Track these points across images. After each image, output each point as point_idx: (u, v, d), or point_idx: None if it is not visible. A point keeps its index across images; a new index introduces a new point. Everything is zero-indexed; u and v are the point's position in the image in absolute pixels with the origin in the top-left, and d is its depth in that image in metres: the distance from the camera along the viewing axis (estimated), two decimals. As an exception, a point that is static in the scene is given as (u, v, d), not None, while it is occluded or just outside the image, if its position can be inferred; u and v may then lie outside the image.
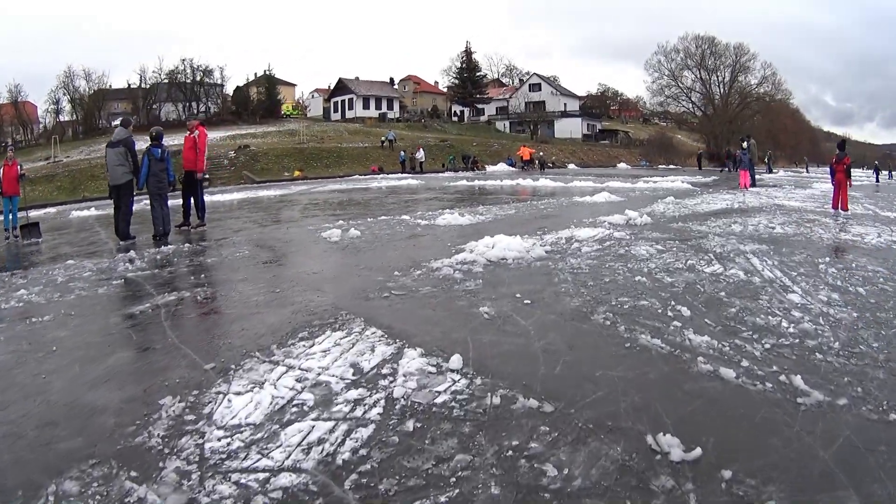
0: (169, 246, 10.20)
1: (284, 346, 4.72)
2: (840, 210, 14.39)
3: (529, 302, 5.78)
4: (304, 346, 4.73)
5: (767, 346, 4.57)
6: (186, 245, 10.25)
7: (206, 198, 20.94)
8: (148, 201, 11.93)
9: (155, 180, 11.77)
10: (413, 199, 19.90)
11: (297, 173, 42.97)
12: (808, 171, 54.78)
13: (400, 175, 39.75)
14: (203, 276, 7.75)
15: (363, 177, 40.02)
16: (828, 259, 8.05)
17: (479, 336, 4.84)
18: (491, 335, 4.87)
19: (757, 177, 27.11)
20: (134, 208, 12.22)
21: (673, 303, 5.68)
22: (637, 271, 7.11)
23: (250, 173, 42.34)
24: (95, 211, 20.39)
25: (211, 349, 4.76)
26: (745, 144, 26.15)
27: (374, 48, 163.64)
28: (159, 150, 11.93)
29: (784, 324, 5.09)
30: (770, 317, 5.32)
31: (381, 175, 41.08)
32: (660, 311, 5.44)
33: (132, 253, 9.36)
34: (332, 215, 14.82)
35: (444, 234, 10.71)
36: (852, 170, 15.12)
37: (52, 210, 24.04)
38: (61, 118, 66.94)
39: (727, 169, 49.04)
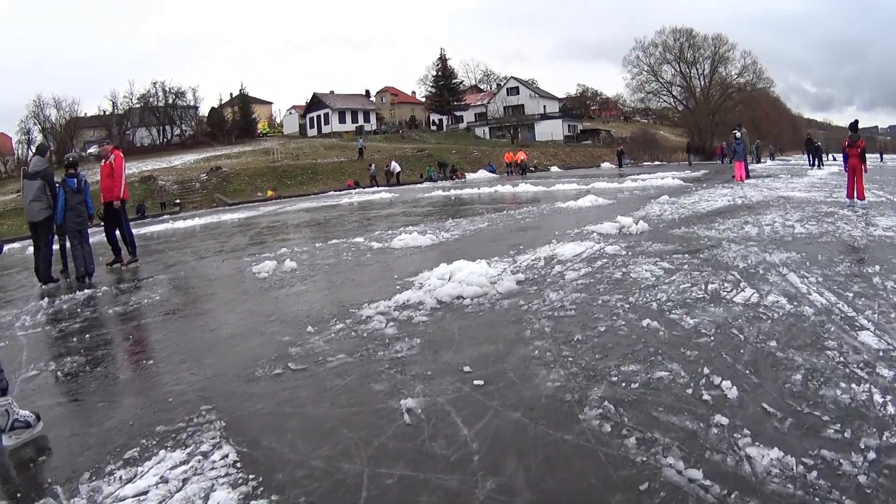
0: (85, 291, 8.78)
1: (94, 481, 3.05)
2: (856, 199, 12.52)
3: (482, 383, 3.75)
4: (117, 483, 3.00)
5: (870, 456, 2.64)
6: (104, 288, 8.99)
7: (170, 224, 19.71)
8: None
9: (73, 215, 10.13)
10: (379, 215, 17.97)
11: (269, 193, 41.56)
12: (772, 159, 53.60)
13: (375, 189, 37.72)
14: (88, 336, 6.08)
15: (338, 192, 38.35)
16: (878, 268, 6.17)
17: (382, 469, 2.86)
18: (404, 467, 2.87)
19: (749, 167, 25.37)
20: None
21: (706, 370, 3.68)
22: (643, 309, 5.11)
23: (222, 196, 40.89)
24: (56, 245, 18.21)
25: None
26: (737, 134, 24.59)
27: (351, 63, 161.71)
28: (75, 181, 10.20)
29: (877, 397, 3.21)
30: (853, 384, 3.39)
31: (357, 190, 39.19)
32: (689, 391, 3.42)
33: (44, 301, 8.17)
34: (281, 240, 13.17)
35: (395, 260, 8.79)
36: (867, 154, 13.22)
37: (16, 245, 21.83)
38: (33, 149, 64.29)
39: (720, 162, 47.98)
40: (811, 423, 2.98)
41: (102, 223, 11.94)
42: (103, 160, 11.56)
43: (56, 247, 11.24)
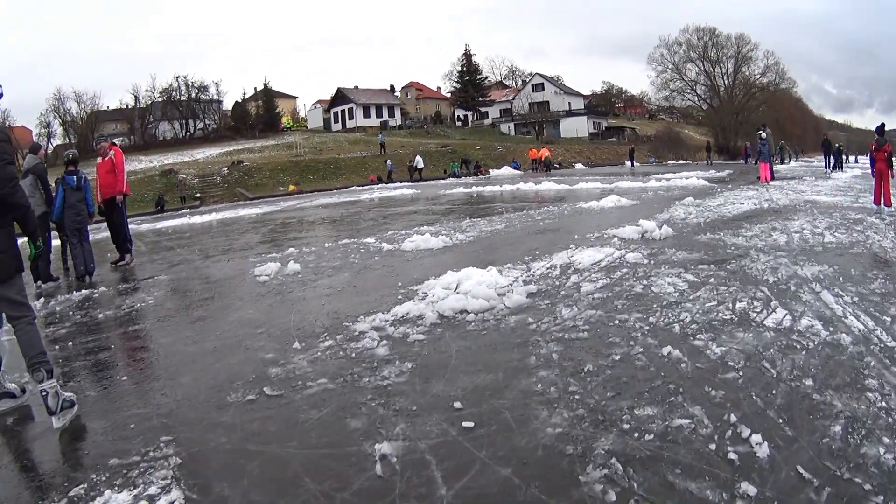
0: (82, 292, 8.46)
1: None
2: (883, 206, 11.84)
3: (472, 425, 3.25)
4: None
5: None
6: (102, 289, 8.64)
7: (187, 219, 21.02)
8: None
9: (72, 213, 9.87)
10: (396, 212, 17.53)
11: (291, 188, 41.19)
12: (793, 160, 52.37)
13: (397, 185, 37.24)
14: (70, 344, 5.74)
15: (361, 187, 37.86)
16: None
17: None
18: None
19: (774, 169, 24.61)
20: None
21: (733, 416, 3.16)
22: (664, 333, 4.58)
23: (244, 190, 40.60)
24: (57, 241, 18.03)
25: None
26: (762, 134, 23.86)
27: (376, 58, 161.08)
28: (75, 178, 9.91)
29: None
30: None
31: (379, 185, 38.81)
32: (713, 446, 2.90)
33: (38, 303, 7.91)
34: (292, 239, 12.78)
35: (403, 265, 8.33)
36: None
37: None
38: (53, 142, 65.46)
39: (744, 162, 47.17)
40: (851, 493, 2.47)
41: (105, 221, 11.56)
42: (100, 157, 11.15)
43: (56, 242, 10.95)
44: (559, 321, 4.97)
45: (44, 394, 3.72)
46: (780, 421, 3.10)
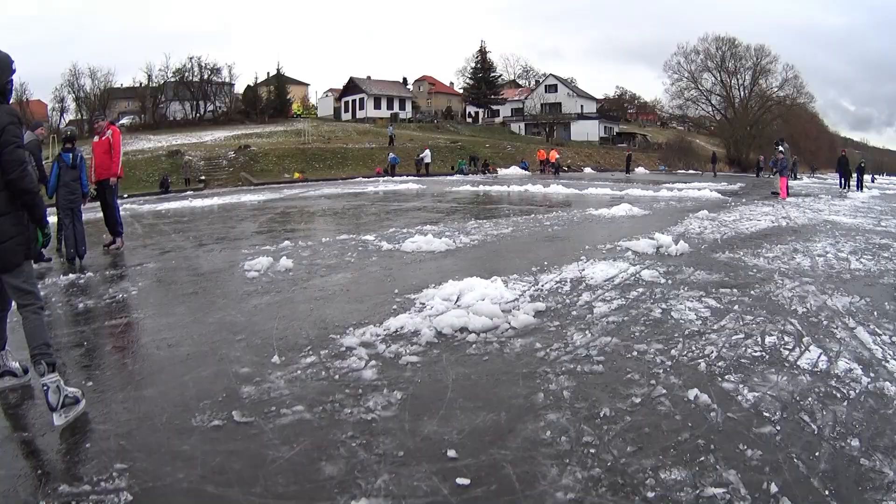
0: (69, 276, 8.08)
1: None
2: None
3: (468, 483, 2.74)
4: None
5: None
6: (88, 274, 8.22)
7: (189, 202, 20.94)
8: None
9: (66, 191, 9.48)
10: (400, 208, 17.06)
11: (296, 175, 40.75)
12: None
13: (403, 178, 36.73)
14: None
15: (366, 179, 37.42)
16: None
17: None
18: None
19: (789, 185, 24.11)
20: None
21: (773, 486, 2.69)
22: (688, 370, 4.09)
23: (248, 175, 40.24)
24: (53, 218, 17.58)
25: None
26: (780, 148, 23.41)
27: (390, 49, 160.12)
28: (70, 156, 9.50)
29: None
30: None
31: (385, 178, 38.28)
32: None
33: None
34: (290, 230, 12.39)
35: (402, 268, 7.84)
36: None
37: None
38: (67, 117, 65.52)
39: (756, 175, 46.77)
40: None
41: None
42: (97, 136, 10.68)
43: (53, 219, 10.57)
44: (570, 349, 4.48)
45: (45, 388, 3.54)
46: (826, 494, 2.62)
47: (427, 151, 45.09)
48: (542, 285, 6.45)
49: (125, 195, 32.01)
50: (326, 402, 3.65)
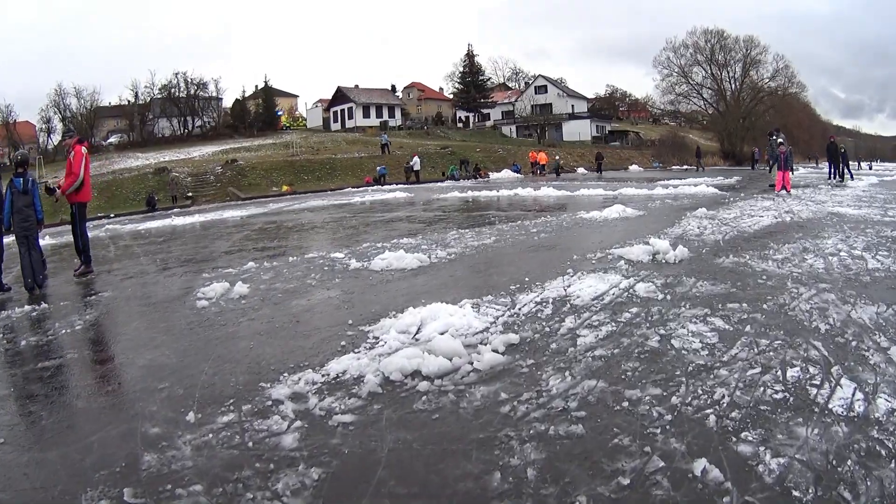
0: (24, 308, 7.50)
1: None
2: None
3: None
4: None
5: None
6: (43, 305, 7.59)
7: (170, 221, 20.58)
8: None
9: (19, 218, 9.01)
10: (381, 219, 16.22)
11: (284, 188, 40.07)
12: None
13: (392, 187, 35.89)
14: None
15: (355, 189, 36.49)
16: None
17: None
18: None
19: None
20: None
21: None
22: (693, 427, 3.19)
23: (236, 189, 39.51)
24: (50, 240, 17.04)
25: None
26: (778, 139, 22.57)
27: (379, 59, 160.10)
28: (21, 181, 8.95)
29: None
30: None
31: (374, 187, 37.48)
32: None
33: None
34: (260, 249, 11.63)
35: (365, 290, 6.95)
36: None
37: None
38: (54, 138, 64.79)
39: (751, 168, 46.29)
40: None
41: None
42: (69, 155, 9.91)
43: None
44: (544, 400, 3.56)
45: None
46: None
47: (416, 158, 44.33)
48: (520, 308, 5.53)
49: (112, 215, 31.50)
50: (230, 480, 2.85)
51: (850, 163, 32.88)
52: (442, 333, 4.58)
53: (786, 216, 12.25)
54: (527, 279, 6.76)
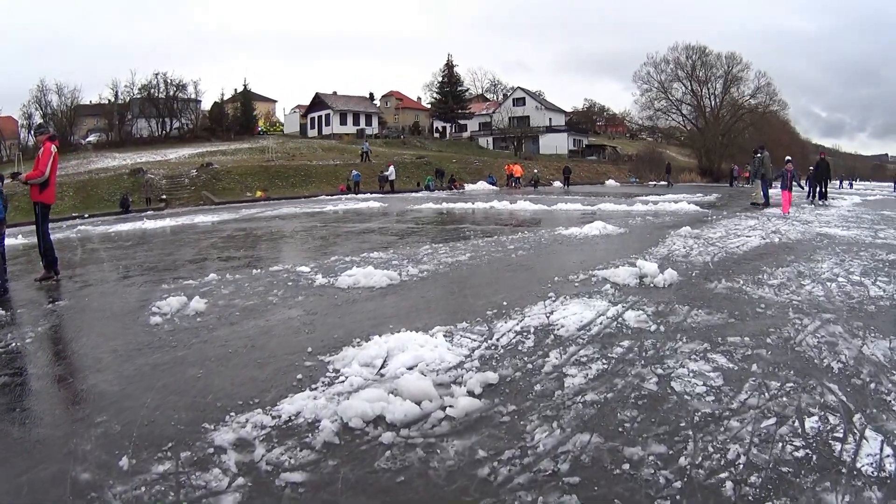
0: None
1: None
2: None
3: None
4: None
5: None
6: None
7: (141, 224, 20.35)
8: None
9: None
10: (353, 230, 15.64)
11: (259, 193, 39.69)
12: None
13: (366, 195, 35.28)
14: None
15: (329, 197, 36.22)
16: None
17: None
18: None
19: (769, 194, 22.95)
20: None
21: None
22: (709, 497, 2.69)
23: (210, 193, 39.13)
24: (23, 238, 16.16)
25: None
26: (758, 155, 22.39)
27: (359, 67, 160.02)
28: None
29: None
30: None
31: (348, 196, 36.97)
32: None
33: None
34: (224, 259, 10.94)
35: (329, 311, 6.34)
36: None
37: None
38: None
39: (729, 185, 46.41)
40: None
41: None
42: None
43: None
44: (530, 459, 3.00)
45: None
46: None
47: (392, 168, 43.98)
48: (498, 339, 4.97)
49: (86, 215, 30.72)
50: None
51: (832, 182, 32.31)
52: (410, 369, 4.04)
53: (773, 237, 11.84)
54: (505, 303, 6.21)
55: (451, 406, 3.55)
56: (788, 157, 21.19)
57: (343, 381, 4.02)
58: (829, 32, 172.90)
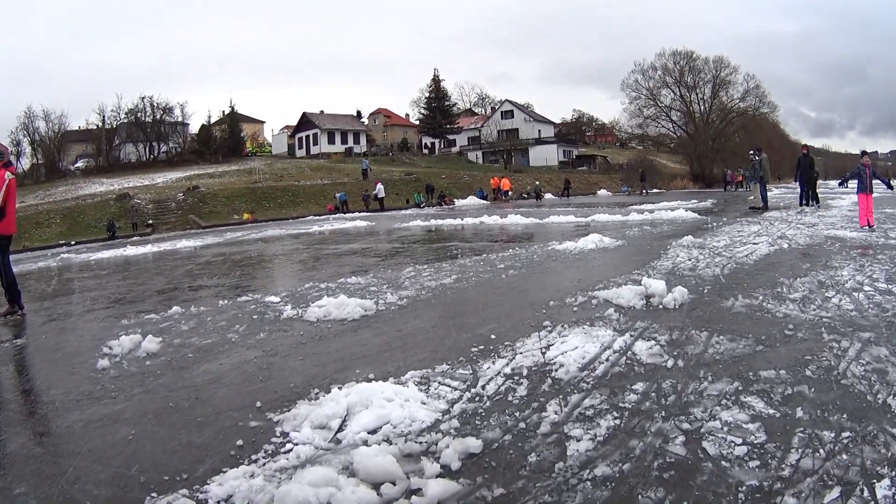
0: None
1: None
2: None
3: None
4: None
5: None
6: None
7: (122, 251, 19.85)
8: None
9: None
10: (335, 252, 14.88)
11: (246, 216, 39.49)
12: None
13: (354, 215, 34.64)
14: None
15: (317, 217, 36.02)
16: None
17: None
18: None
19: (767, 196, 22.29)
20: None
21: None
22: None
23: (197, 217, 38.99)
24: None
25: None
26: (756, 157, 21.76)
27: (347, 85, 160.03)
28: None
29: None
30: None
31: (335, 215, 36.40)
32: None
33: None
34: (193, 289, 10.22)
35: (291, 350, 5.54)
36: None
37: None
38: (23, 161, 65.33)
39: (722, 190, 46.12)
40: None
41: None
42: None
43: None
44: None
45: None
46: None
47: (380, 186, 43.46)
48: (484, 385, 4.11)
49: (72, 242, 30.05)
50: None
51: (826, 180, 31.06)
52: (373, 432, 3.23)
53: (781, 242, 11.08)
54: (493, 336, 5.37)
55: (418, 490, 2.71)
56: (864, 150, 15.97)
57: (289, 451, 3.22)
58: (815, 32, 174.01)
